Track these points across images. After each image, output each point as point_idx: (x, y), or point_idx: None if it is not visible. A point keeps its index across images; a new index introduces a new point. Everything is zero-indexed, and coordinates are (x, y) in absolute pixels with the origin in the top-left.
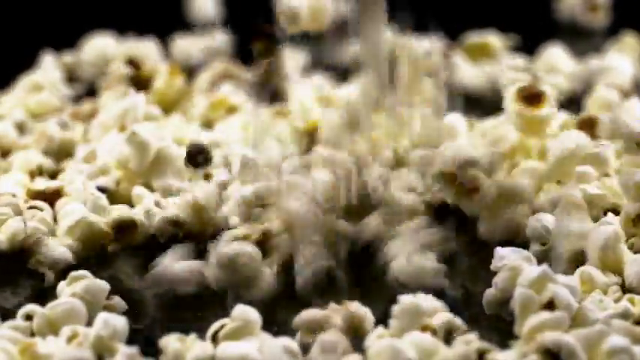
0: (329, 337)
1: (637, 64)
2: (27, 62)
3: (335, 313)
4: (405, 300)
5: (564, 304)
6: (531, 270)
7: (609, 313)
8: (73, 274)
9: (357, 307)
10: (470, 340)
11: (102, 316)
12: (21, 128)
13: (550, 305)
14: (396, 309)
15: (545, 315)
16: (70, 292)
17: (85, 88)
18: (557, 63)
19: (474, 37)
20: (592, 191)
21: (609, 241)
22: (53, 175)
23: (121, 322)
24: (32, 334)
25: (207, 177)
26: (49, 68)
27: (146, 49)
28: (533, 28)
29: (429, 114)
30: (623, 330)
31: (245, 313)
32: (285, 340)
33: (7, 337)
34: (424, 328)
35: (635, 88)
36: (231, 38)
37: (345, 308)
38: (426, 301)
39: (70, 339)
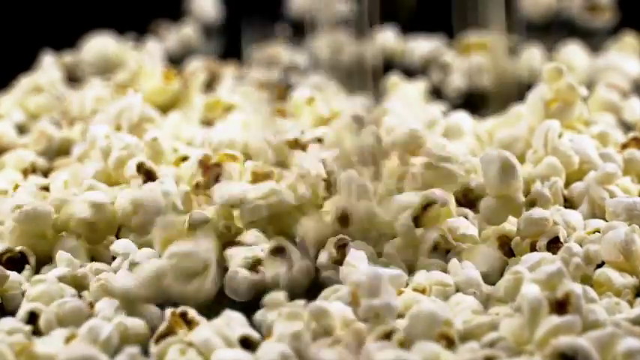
0: (330, 352)
1: (637, 64)
2: (27, 62)
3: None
4: (423, 307)
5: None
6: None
7: (622, 316)
8: None
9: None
10: (475, 349)
11: (89, 323)
12: (20, 128)
13: (562, 305)
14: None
15: (558, 319)
16: None
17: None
18: (574, 60)
19: (473, 37)
20: None
21: (626, 243)
22: (47, 173)
23: (107, 329)
24: (34, 333)
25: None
26: (49, 68)
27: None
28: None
29: None
30: (632, 332)
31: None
32: (281, 347)
33: (5, 338)
34: (439, 337)
35: (635, 88)
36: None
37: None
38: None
39: (68, 339)
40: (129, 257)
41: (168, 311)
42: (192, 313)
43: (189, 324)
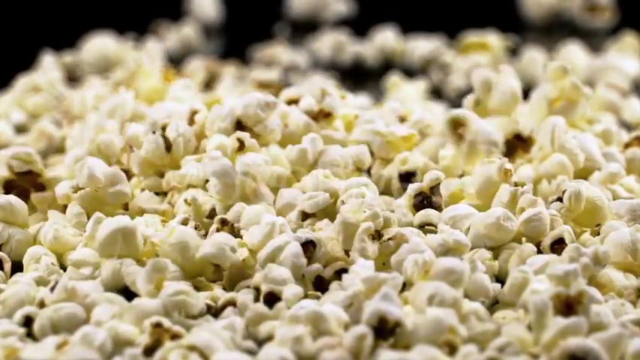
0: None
1: (637, 64)
2: (27, 62)
3: None
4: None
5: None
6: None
7: (629, 317)
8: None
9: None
10: (471, 352)
11: (82, 330)
12: (20, 127)
13: (570, 305)
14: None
15: (565, 321)
16: None
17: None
18: (574, 60)
19: (472, 36)
20: None
21: (632, 243)
22: None
23: (101, 335)
24: (28, 336)
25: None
26: (49, 68)
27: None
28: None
29: None
30: (638, 333)
31: None
32: (282, 351)
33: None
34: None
35: (634, 88)
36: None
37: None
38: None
39: (60, 346)
40: None
41: (147, 323)
42: (168, 323)
43: (171, 333)
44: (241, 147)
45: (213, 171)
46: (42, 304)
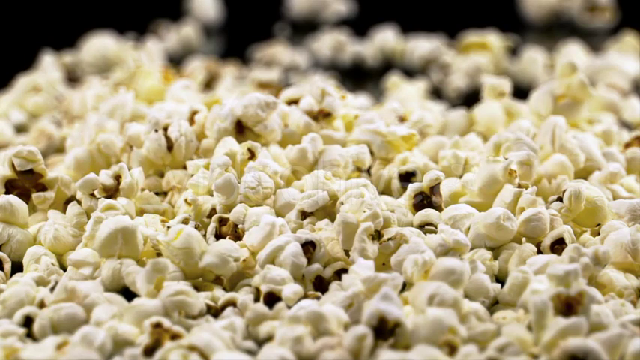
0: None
1: (637, 64)
2: (27, 62)
3: None
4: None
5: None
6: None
7: (629, 318)
8: None
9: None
10: (471, 352)
11: (82, 330)
12: (20, 127)
13: (570, 305)
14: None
15: (565, 321)
16: None
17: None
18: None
19: (472, 36)
20: None
21: (632, 243)
22: None
23: (101, 335)
24: (28, 335)
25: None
26: (49, 68)
27: (147, 49)
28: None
29: None
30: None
31: None
32: (281, 351)
33: None
34: (445, 344)
35: (634, 88)
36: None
37: None
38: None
39: (60, 346)
40: None
41: (147, 323)
42: (168, 323)
43: (171, 333)
44: (251, 157)
45: (216, 185)
46: (42, 304)
